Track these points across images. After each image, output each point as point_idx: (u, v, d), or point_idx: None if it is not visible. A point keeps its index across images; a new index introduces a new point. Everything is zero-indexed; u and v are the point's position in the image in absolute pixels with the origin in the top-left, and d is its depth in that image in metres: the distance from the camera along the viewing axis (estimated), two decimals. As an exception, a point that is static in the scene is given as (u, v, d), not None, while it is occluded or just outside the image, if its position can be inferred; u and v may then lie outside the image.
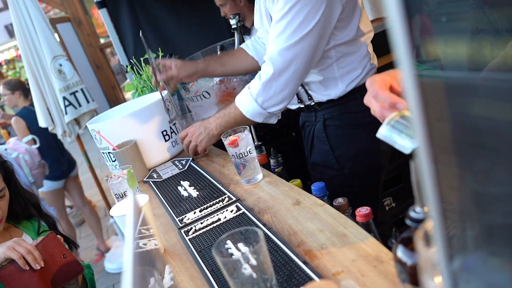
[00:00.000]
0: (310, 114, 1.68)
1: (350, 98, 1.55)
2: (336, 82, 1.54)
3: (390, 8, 0.28)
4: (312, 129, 1.67)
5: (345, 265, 0.86)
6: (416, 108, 0.30)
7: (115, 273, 3.77)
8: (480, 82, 0.34)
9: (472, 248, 0.41)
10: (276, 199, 1.21)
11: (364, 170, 1.63)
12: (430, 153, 0.32)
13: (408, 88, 0.29)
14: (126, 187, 1.36)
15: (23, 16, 3.26)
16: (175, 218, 1.29)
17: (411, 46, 0.28)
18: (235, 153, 1.32)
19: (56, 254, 1.32)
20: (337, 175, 1.62)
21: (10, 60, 10.33)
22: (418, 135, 0.32)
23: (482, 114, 0.37)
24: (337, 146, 1.61)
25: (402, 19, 0.27)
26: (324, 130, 1.62)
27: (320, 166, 1.67)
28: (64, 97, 3.40)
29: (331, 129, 1.61)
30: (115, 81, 5.32)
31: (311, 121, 1.68)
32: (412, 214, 0.57)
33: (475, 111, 0.37)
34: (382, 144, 1.64)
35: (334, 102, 1.57)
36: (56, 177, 3.82)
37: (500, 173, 0.38)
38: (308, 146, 1.72)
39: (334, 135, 1.61)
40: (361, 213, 1.01)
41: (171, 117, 1.84)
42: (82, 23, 4.95)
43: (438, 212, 0.32)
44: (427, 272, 0.44)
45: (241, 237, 0.83)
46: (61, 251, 1.33)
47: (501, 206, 0.40)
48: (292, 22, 1.36)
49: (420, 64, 1.15)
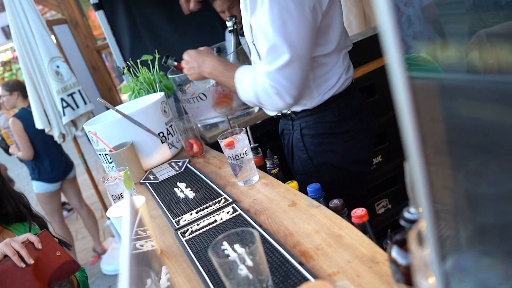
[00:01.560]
0: (287, 122, 1.67)
1: (325, 108, 1.54)
2: (311, 92, 1.52)
3: (381, 13, 0.28)
4: (291, 137, 1.67)
5: (340, 265, 0.86)
6: (407, 109, 0.30)
7: (112, 274, 3.77)
8: (470, 83, 0.35)
9: (465, 248, 0.41)
10: (272, 201, 1.22)
11: (345, 178, 1.63)
12: (422, 154, 0.32)
13: (399, 89, 0.30)
14: (123, 188, 1.36)
15: (20, 17, 3.26)
16: (172, 219, 1.30)
17: (401, 48, 0.29)
18: (232, 155, 1.32)
19: (50, 252, 1.32)
20: (321, 183, 1.61)
21: (6, 61, 10.30)
22: (410, 137, 0.33)
23: (473, 115, 0.38)
24: (315, 154, 1.60)
25: (392, 22, 0.28)
26: (301, 139, 1.61)
27: (302, 174, 1.67)
28: (62, 98, 3.39)
29: (308, 137, 1.61)
30: (111, 83, 5.32)
31: (288, 129, 1.68)
32: (406, 215, 0.57)
33: (466, 112, 0.37)
34: (361, 152, 1.65)
35: (309, 112, 1.56)
36: (52, 179, 3.81)
37: (492, 173, 0.39)
38: (289, 154, 1.72)
39: (310, 143, 1.60)
40: (357, 214, 1.02)
41: (167, 119, 1.84)
42: (78, 25, 4.95)
43: (430, 212, 0.32)
44: (420, 272, 0.44)
45: (237, 238, 0.83)
46: (55, 249, 1.34)
47: (493, 206, 0.40)
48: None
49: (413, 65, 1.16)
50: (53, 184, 3.83)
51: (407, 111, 0.30)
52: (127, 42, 2.92)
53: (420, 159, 0.33)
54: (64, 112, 3.42)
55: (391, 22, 0.27)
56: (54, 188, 3.85)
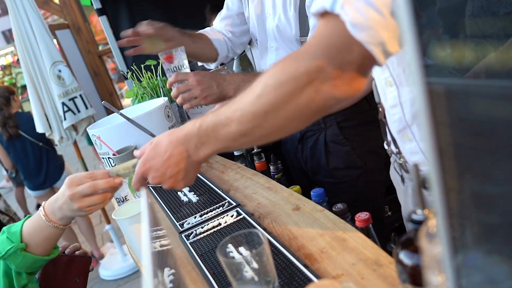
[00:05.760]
0: (313, 123, 1.65)
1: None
2: None
3: (401, 17, 0.30)
4: (322, 136, 1.65)
5: (345, 268, 0.88)
6: (425, 113, 0.32)
7: (110, 280, 3.76)
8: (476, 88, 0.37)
9: (472, 247, 0.43)
10: (276, 205, 1.23)
11: (386, 162, 1.65)
12: (437, 148, 0.34)
13: (418, 94, 0.32)
14: (127, 191, 1.37)
15: (23, 21, 3.28)
16: (176, 222, 1.31)
17: (421, 53, 0.30)
18: (170, 68, 1.50)
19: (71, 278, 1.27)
20: (362, 173, 1.64)
21: (6, 65, 10.33)
22: (426, 139, 0.34)
23: (480, 119, 0.40)
24: (357, 144, 1.62)
25: (413, 27, 0.30)
26: (340, 133, 1.62)
27: (343, 169, 1.66)
28: (63, 102, 3.41)
29: (348, 129, 1.63)
30: (112, 88, 5.34)
31: (315, 129, 1.66)
32: (414, 216, 0.59)
33: (473, 115, 0.39)
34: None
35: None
36: (31, 187, 3.88)
37: (499, 173, 0.41)
38: (321, 154, 1.67)
39: (352, 134, 1.62)
40: (361, 218, 1.03)
41: (170, 124, 1.86)
42: (81, 30, 4.98)
43: (443, 201, 0.34)
44: (431, 269, 0.46)
45: (244, 239, 0.85)
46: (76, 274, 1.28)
47: (499, 206, 0.42)
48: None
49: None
50: (34, 191, 3.91)
51: (425, 114, 0.32)
52: (129, 47, 2.94)
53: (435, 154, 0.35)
54: (65, 117, 3.44)
55: (412, 27, 0.29)
56: (38, 195, 3.91)
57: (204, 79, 1.43)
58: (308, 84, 0.74)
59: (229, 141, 0.85)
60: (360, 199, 1.64)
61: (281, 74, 0.76)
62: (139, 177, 0.97)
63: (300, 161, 1.78)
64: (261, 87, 0.78)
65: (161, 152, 0.91)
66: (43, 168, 3.84)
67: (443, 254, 0.36)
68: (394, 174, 1.29)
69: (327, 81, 0.73)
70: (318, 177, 1.73)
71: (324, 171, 1.69)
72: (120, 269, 3.78)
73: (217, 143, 0.86)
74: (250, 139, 0.84)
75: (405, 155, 1.14)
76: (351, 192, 1.65)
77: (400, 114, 1.07)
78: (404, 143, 1.11)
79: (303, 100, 0.75)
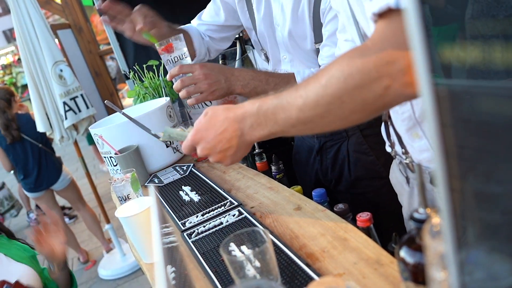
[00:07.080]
0: (333, 133, 1.53)
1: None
2: None
3: (409, 21, 0.31)
4: (344, 145, 1.55)
5: (346, 267, 0.89)
6: (431, 114, 0.33)
7: (109, 279, 3.77)
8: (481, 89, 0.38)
9: (474, 245, 0.44)
10: (277, 205, 1.24)
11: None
12: (443, 147, 0.35)
13: (425, 95, 0.32)
14: (130, 190, 1.38)
15: (25, 21, 3.30)
16: (178, 221, 1.32)
17: (429, 56, 0.31)
18: (170, 58, 1.38)
19: None
20: (386, 183, 1.51)
21: (7, 65, 10.34)
22: (434, 140, 0.35)
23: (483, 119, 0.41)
24: (380, 153, 1.47)
25: (421, 31, 0.31)
26: (364, 141, 1.50)
27: (366, 179, 1.55)
28: (64, 102, 3.42)
29: (371, 138, 1.51)
30: (113, 88, 5.35)
31: (336, 139, 1.56)
32: (416, 215, 0.60)
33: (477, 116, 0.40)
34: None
35: None
36: (28, 188, 3.89)
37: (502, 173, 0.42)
38: (344, 165, 1.57)
39: (375, 142, 1.49)
40: (362, 218, 1.04)
41: (172, 124, 1.87)
42: (82, 30, 4.99)
43: (448, 195, 0.35)
44: (434, 265, 0.47)
45: (247, 238, 0.86)
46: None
47: (501, 205, 0.43)
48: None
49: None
50: (30, 193, 3.92)
51: (431, 115, 0.32)
52: (131, 47, 2.95)
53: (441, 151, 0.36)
54: (66, 116, 3.45)
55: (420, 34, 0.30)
56: (35, 196, 3.93)
57: (212, 73, 1.35)
58: (377, 80, 0.72)
59: (287, 126, 0.85)
60: (383, 209, 1.51)
61: (348, 66, 0.75)
62: (189, 144, 1.00)
63: (318, 172, 1.68)
64: (327, 77, 0.77)
65: (215, 125, 0.93)
66: (42, 170, 3.85)
67: (447, 249, 0.37)
68: (397, 176, 1.29)
69: (398, 78, 0.71)
70: (339, 188, 1.63)
71: (346, 182, 1.59)
72: (119, 269, 3.79)
73: (275, 125, 0.86)
74: (308, 127, 0.84)
75: (413, 154, 1.13)
76: (374, 202, 1.55)
77: (409, 112, 1.05)
78: (413, 141, 1.10)
79: (370, 95, 0.73)
